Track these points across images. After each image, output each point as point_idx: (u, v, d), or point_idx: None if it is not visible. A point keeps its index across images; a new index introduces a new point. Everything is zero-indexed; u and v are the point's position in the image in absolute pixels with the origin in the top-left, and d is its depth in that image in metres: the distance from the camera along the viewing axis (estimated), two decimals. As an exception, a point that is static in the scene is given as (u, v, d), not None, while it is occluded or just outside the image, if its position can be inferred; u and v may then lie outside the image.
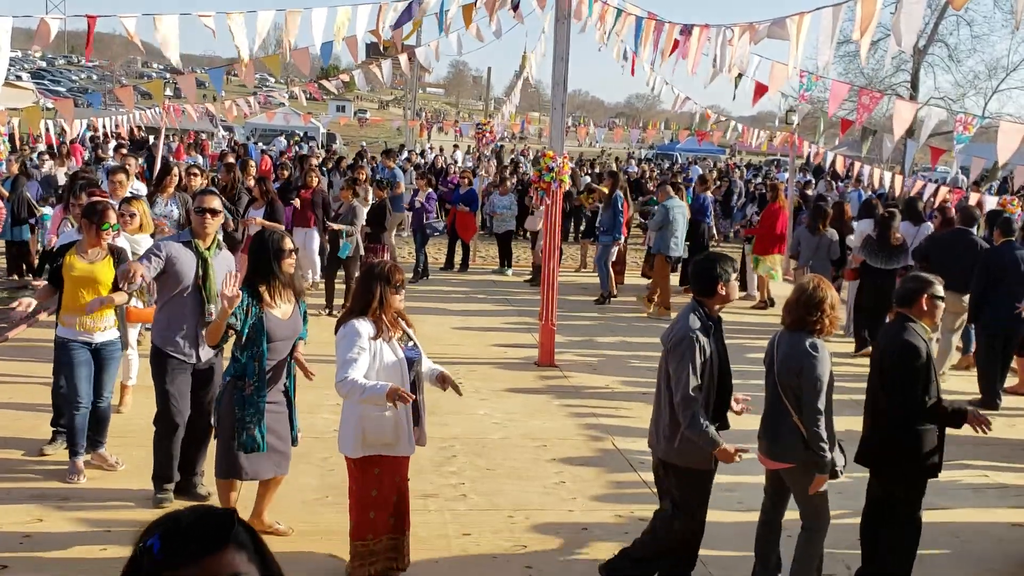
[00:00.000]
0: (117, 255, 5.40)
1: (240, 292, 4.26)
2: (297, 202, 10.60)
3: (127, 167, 8.82)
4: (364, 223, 10.33)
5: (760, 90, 9.18)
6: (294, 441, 4.70)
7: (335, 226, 10.14)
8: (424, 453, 6.03)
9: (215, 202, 5.07)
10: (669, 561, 4.21)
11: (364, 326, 3.98)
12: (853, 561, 4.59)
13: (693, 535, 4.16)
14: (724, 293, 4.06)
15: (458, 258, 13.87)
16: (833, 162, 15.01)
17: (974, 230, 8.76)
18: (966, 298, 8.28)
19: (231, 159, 13.33)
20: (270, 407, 4.43)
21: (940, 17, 21.93)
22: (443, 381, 4.28)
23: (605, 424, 6.95)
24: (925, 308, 4.29)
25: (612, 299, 11.86)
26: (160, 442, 5.01)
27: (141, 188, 9.63)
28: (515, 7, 9.26)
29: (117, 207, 6.12)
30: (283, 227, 9.56)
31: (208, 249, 4.99)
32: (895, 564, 4.32)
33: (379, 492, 4.07)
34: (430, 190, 12.96)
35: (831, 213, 10.38)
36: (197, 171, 9.86)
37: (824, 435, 3.99)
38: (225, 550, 1.25)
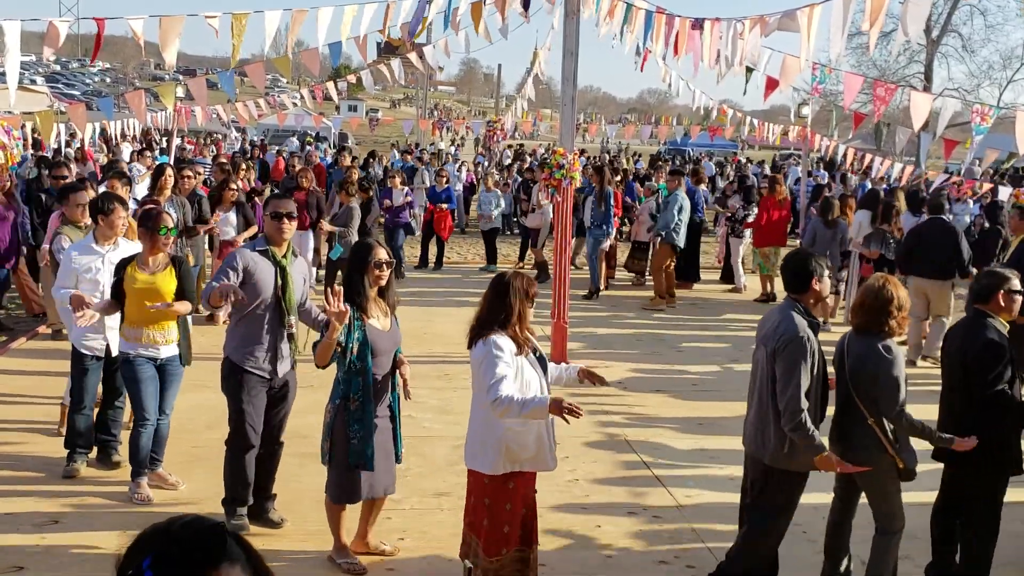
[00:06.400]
0: (179, 265, 5.20)
1: (347, 307, 4.07)
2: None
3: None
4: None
5: (772, 84, 9.13)
6: (398, 458, 4.51)
7: (327, 227, 10.16)
8: (439, 452, 6.05)
9: (291, 206, 4.80)
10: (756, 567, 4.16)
11: (505, 341, 3.80)
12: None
13: (780, 538, 4.13)
14: (818, 289, 4.02)
15: (434, 255, 13.82)
16: (844, 155, 14.93)
17: (947, 217, 9.03)
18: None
19: (223, 159, 13.28)
20: (377, 423, 4.28)
21: (954, 7, 21.72)
22: (588, 376, 4.18)
23: (617, 420, 6.93)
24: (1003, 303, 4.26)
25: (600, 294, 11.80)
26: (233, 463, 4.73)
27: (140, 190, 9.63)
28: (525, 5, 9.22)
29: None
30: (256, 229, 9.08)
31: (284, 257, 4.73)
32: (973, 565, 4.26)
33: (513, 506, 3.90)
34: (407, 188, 12.77)
35: (839, 204, 10.46)
36: (190, 173, 9.19)
37: (920, 426, 3.99)
38: (220, 567, 1.21)
